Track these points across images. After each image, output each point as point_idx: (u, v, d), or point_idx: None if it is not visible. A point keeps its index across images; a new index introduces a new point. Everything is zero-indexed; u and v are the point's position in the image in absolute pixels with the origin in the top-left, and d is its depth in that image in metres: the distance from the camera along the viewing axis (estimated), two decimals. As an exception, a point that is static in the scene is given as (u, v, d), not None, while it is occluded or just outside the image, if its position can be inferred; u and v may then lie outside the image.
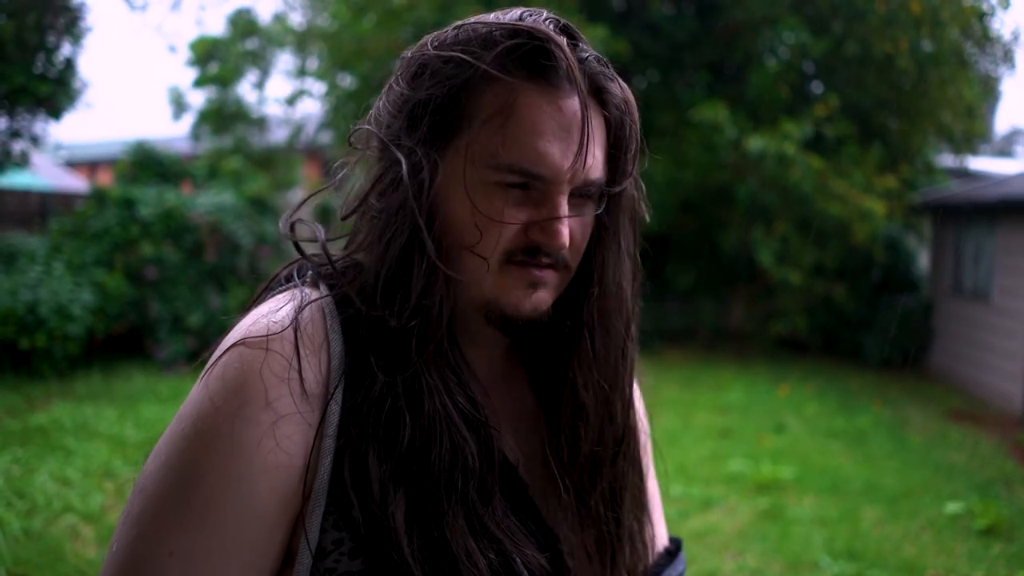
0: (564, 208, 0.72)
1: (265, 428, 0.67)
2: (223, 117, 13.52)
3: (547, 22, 0.73)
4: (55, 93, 7.55)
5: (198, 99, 17.95)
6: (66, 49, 7.70)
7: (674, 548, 0.93)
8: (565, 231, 0.72)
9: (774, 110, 9.29)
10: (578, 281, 0.80)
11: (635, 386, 0.94)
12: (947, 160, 11.54)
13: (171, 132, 17.17)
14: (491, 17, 0.74)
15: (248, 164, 11.64)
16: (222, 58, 13.59)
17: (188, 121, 14.29)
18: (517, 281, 0.74)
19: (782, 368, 9.30)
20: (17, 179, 10.40)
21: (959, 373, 9.10)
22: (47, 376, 6.72)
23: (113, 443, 5.18)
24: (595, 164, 0.74)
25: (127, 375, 7.19)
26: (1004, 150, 24.26)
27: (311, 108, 15.16)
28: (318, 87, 13.52)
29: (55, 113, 7.78)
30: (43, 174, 14.31)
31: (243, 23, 14.00)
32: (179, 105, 14.42)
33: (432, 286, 0.71)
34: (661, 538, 0.93)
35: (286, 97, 13.97)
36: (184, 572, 0.65)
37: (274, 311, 0.72)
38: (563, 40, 0.71)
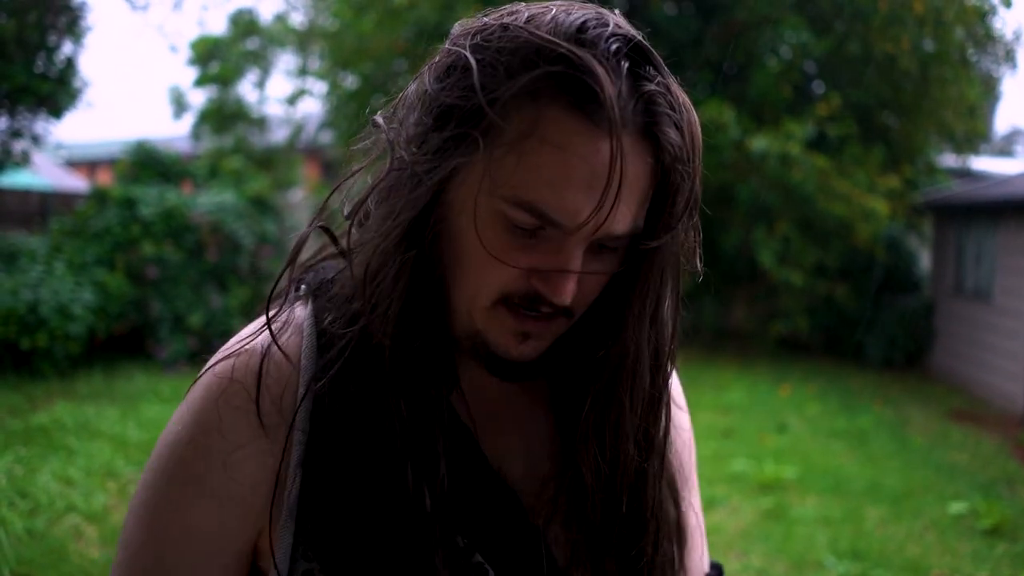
0: (576, 262, 0.64)
1: (216, 457, 0.68)
2: (224, 117, 13.49)
3: (610, 41, 0.62)
4: (56, 92, 7.54)
5: (199, 99, 17.95)
6: (67, 48, 7.70)
7: (715, 574, 0.89)
8: (571, 287, 0.64)
9: (776, 110, 9.28)
10: (597, 334, 0.72)
11: (681, 397, 0.90)
12: (948, 160, 11.53)
13: (171, 132, 17.18)
14: (547, 19, 0.63)
15: (249, 164, 11.62)
16: (223, 57, 13.57)
17: (189, 121, 14.28)
18: (507, 326, 0.67)
19: (783, 368, 9.30)
20: (18, 178, 10.39)
21: (961, 373, 9.10)
22: (48, 376, 6.71)
23: (115, 443, 5.17)
24: (624, 218, 0.64)
25: (128, 375, 7.18)
26: (1004, 150, 24.26)
27: (311, 108, 15.17)
28: (319, 87, 13.52)
29: (56, 112, 7.78)
30: (44, 174, 14.29)
31: (244, 23, 13.99)
32: (180, 105, 14.40)
33: (401, 306, 0.67)
34: (702, 565, 0.87)
35: (287, 97, 13.96)
36: None
37: (252, 335, 0.73)
38: (619, 71, 0.61)
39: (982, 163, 13.41)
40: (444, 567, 0.67)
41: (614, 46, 0.62)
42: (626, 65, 0.62)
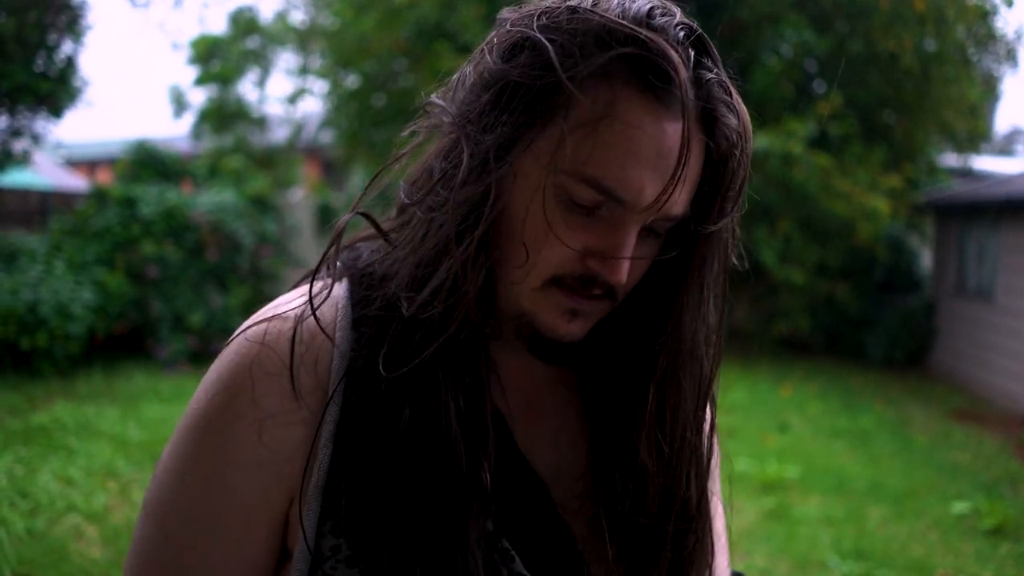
0: (632, 240, 0.66)
1: (248, 423, 0.67)
2: (224, 116, 13.49)
3: (678, 29, 0.65)
4: (56, 91, 7.52)
5: (199, 98, 17.95)
6: (67, 47, 7.66)
7: None
8: (627, 267, 0.66)
9: (778, 108, 9.26)
10: (648, 324, 0.72)
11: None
12: (950, 159, 11.52)
13: (172, 131, 17.17)
14: (614, 4, 0.65)
15: (249, 163, 11.61)
16: (223, 56, 13.56)
17: (189, 120, 14.30)
18: (558, 305, 0.68)
19: (785, 367, 9.29)
20: (18, 178, 10.37)
21: (962, 373, 9.09)
22: (48, 376, 6.70)
23: (115, 443, 5.16)
24: (682, 200, 0.66)
25: (128, 374, 7.17)
26: (1005, 149, 24.25)
27: (312, 107, 15.15)
28: (319, 86, 13.51)
29: (56, 111, 7.75)
30: (44, 173, 14.27)
31: (244, 21, 13.98)
32: (180, 104, 14.40)
33: (461, 283, 0.66)
34: (727, 570, 0.87)
35: (287, 96, 13.95)
36: (174, 557, 0.69)
37: (286, 303, 0.72)
38: (688, 57, 0.64)
39: (983, 162, 13.41)
40: (477, 547, 0.67)
41: (681, 34, 0.65)
42: (692, 53, 0.65)
